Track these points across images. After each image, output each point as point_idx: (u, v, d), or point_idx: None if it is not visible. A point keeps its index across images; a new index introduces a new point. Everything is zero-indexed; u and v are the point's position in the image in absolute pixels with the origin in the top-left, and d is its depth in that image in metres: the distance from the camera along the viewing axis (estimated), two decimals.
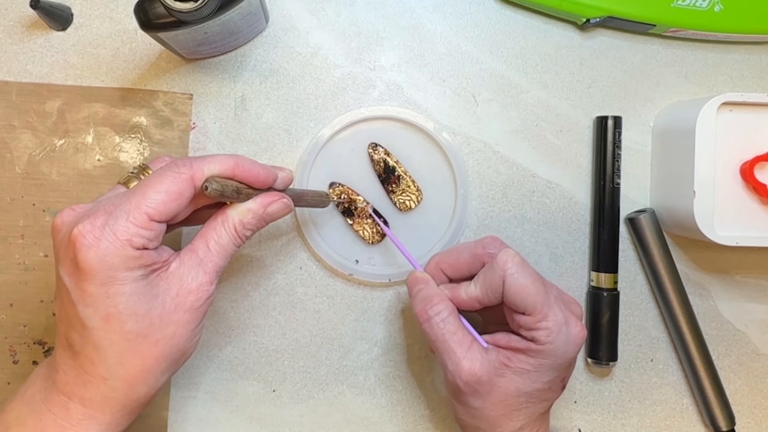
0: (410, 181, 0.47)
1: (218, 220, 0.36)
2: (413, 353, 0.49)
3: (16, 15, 0.47)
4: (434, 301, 0.40)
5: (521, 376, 0.38)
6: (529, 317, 0.38)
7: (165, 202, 0.33)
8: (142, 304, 0.33)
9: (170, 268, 0.35)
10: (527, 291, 0.38)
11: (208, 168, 0.35)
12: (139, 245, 0.33)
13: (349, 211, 0.47)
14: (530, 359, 0.38)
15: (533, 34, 0.49)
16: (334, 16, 0.49)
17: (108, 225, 0.32)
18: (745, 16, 0.47)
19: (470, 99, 0.49)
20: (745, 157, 0.44)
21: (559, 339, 0.38)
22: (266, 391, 0.48)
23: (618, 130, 0.48)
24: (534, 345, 0.38)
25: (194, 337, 0.36)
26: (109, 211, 0.33)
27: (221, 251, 0.36)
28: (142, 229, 0.33)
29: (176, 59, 0.48)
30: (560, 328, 0.38)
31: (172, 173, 0.34)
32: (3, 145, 0.47)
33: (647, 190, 0.50)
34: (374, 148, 0.47)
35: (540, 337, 0.38)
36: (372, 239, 0.47)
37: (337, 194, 0.47)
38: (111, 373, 0.34)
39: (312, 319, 0.48)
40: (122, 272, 0.33)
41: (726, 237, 0.43)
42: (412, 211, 0.47)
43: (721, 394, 0.48)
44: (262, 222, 0.37)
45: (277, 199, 0.38)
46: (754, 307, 0.50)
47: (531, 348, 0.38)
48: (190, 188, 0.34)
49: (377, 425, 0.48)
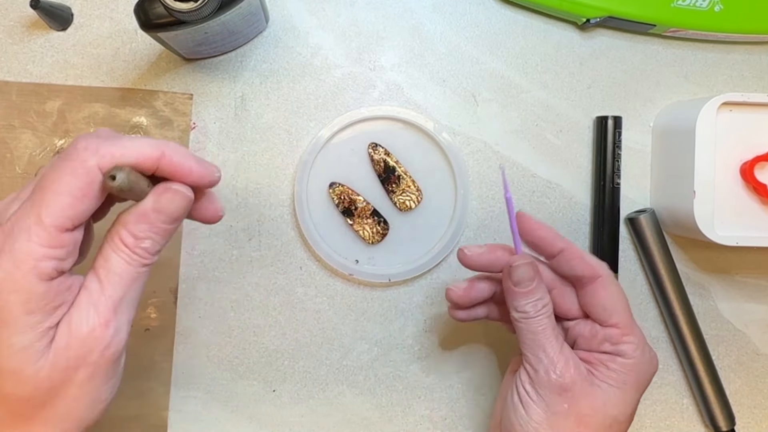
0: (410, 181, 0.47)
1: (104, 240, 0.28)
2: (413, 353, 0.49)
3: (16, 15, 0.47)
4: (546, 301, 0.37)
5: (607, 391, 0.36)
6: (616, 330, 0.37)
7: (70, 204, 0.26)
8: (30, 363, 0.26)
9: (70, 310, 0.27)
10: (621, 300, 0.37)
11: (121, 154, 0.27)
12: (48, 271, 0.26)
13: (349, 211, 0.47)
14: (612, 372, 0.36)
15: (533, 34, 0.49)
16: (334, 16, 0.49)
17: (5, 251, 0.25)
18: (745, 16, 0.47)
19: (470, 99, 0.49)
20: (745, 157, 0.44)
21: (644, 356, 0.37)
22: (266, 391, 0.48)
23: (618, 130, 0.48)
24: (620, 359, 0.36)
25: (98, 402, 0.28)
26: (7, 230, 0.26)
27: (114, 279, 0.27)
28: (50, 248, 0.25)
29: (176, 59, 0.48)
30: (644, 345, 0.37)
31: (71, 164, 0.26)
32: (3, 145, 0.47)
33: (647, 190, 0.50)
34: (374, 148, 0.47)
35: (627, 350, 0.36)
36: (372, 239, 0.47)
37: (337, 194, 0.47)
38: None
39: (312, 319, 0.48)
40: (19, 316, 0.25)
41: (726, 237, 0.43)
42: (412, 211, 0.47)
43: (721, 394, 0.48)
44: (158, 225, 0.28)
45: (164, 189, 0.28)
46: (754, 307, 0.50)
47: (616, 361, 0.36)
48: (99, 179, 0.27)
49: (377, 425, 0.48)
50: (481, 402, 0.49)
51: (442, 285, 0.48)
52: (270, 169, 0.48)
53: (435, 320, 0.49)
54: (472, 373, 0.49)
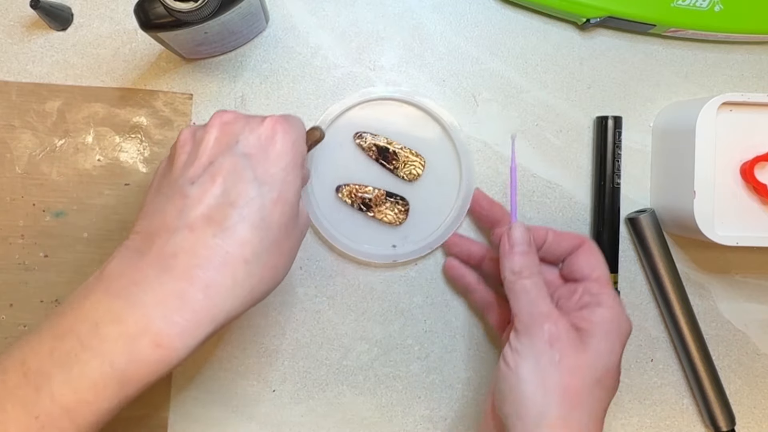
0: (408, 152, 0.47)
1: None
2: (413, 353, 0.49)
3: (16, 15, 0.47)
4: (537, 264, 0.40)
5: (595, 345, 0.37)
6: (596, 283, 0.40)
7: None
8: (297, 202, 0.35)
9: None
10: (603, 263, 0.41)
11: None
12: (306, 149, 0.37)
13: (365, 204, 0.47)
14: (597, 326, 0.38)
15: (533, 34, 0.49)
16: (334, 16, 0.49)
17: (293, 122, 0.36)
18: (745, 16, 0.47)
19: (470, 99, 0.49)
20: (745, 157, 0.44)
21: (621, 309, 0.39)
22: (266, 391, 0.48)
23: (618, 130, 0.48)
24: (600, 309, 0.38)
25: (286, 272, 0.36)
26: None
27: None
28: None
29: (176, 59, 0.48)
30: (619, 303, 0.40)
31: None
32: (3, 145, 0.47)
33: (647, 190, 0.50)
34: (360, 137, 0.47)
35: (607, 300, 0.39)
36: (397, 220, 0.47)
37: (347, 195, 0.47)
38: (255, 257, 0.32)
39: (312, 319, 0.48)
40: (299, 167, 0.35)
41: (726, 237, 0.43)
42: (421, 178, 0.47)
43: (721, 394, 0.48)
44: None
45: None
46: (754, 307, 0.50)
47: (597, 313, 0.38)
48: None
49: (377, 425, 0.48)
50: (481, 402, 0.49)
51: (442, 285, 0.48)
52: None
53: (435, 320, 0.49)
54: (472, 373, 0.49)
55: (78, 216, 0.47)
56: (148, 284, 0.30)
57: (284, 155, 0.34)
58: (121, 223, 0.47)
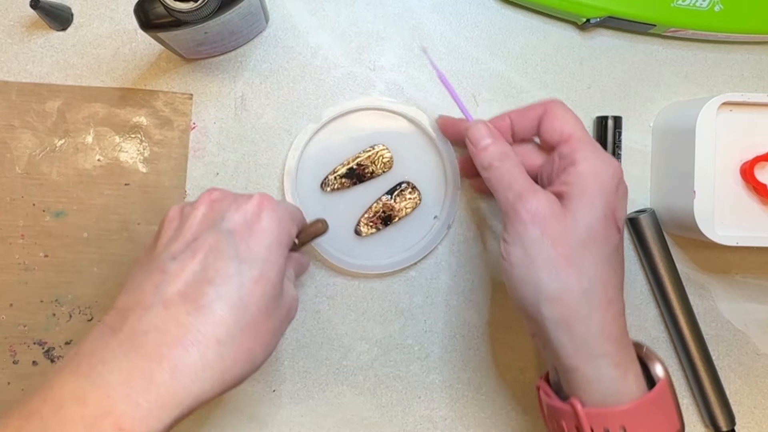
0: (366, 153, 0.47)
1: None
2: (413, 353, 0.49)
3: (16, 15, 0.47)
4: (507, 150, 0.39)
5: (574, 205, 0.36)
6: (567, 144, 0.38)
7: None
8: (280, 283, 0.34)
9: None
10: (572, 120, 0.39)
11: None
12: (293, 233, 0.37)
13: (386, 219, 0.47)
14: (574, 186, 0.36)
15: (533, 34, 0.49)
16: (334, 16, 0.49)
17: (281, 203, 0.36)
18: (745, 16, 0.47)
19: (470, 99, 0.49)
20: (745, 157, 0.44)
21: (598, 159, 0.37)
22: (266, 391, 0.48)
23: (618, 130, 0.48)
24: (574, 168, 0.37)
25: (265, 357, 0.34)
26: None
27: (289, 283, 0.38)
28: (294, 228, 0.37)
29: (176, 59, 0.48)
30: (598, 151, 0.38)
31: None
32: (3, 145, 0.47)
33: (647, 190, 0.50)
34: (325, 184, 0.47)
35: (580, 157, 0.37)
36: (416, 201, 0.47)
37: (367, 225, 0.47)
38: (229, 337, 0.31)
39: (312, 319, 0.48)
40: (284, 247, 0.35)
41: (726, 237, 0.43)
42: (395, 160, 0.47)
43: (721, 394, 0.48)
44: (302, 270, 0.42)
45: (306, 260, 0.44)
46: (754, 307, 0.50)
47: (571, 172, 0.37)
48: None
49: (377, 425, 0.48)
50: (481, 402, 0.49)
51: (442, 285, 0.48)
52: (270, 169, 0.48)
53: (435, 320, 0.49)
54: (472, 373, 0.49)
55: (78, 216, 0.47)
56: (115, 363, 0.29)
57: (268, 233, 0.34)
58: (121, 223, 0.47)
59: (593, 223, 0.36)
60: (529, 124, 0.41)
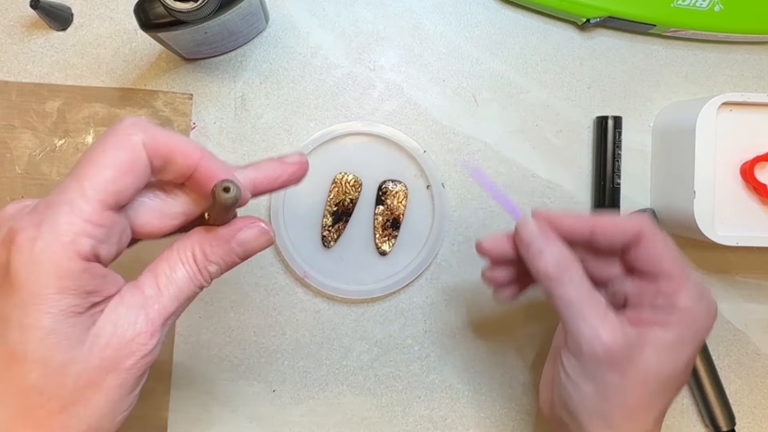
0: (339, 186, 0.47)
1: (174, 249, 0.28)
2: (413, 353, 0.49)
3: (16, 15, 0.47)
4: (567, 257, 0.34)
5: (659, 354, 0.32)
6: (669, 282, 0.33)
7: (115, 178, 0.25)
8: (61, 351, 0.24)
9: (108, 307, 0.26)
10: (670, 248, 0.34)
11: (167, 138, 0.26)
12: (86, 249, 0.24)
13: (392, 223, 0.47)
14: (668, 332, 0.33)
15: (533, 34, 0.49)
16: (334, 16, 0.49)
17: (46, 221, 0.24)
18: (745, 16, 0.47)
19: (470, 99, 0.49)
20: (745, 157, 0.44)
21: (701, 306, 0.33)
22: (266, 391, 0.48)
23: (618, 130, 0.48)
24: (676, 315, 0.33)
25: (116, 414, 0.26)
26: (48, 202, 0.25)
27: (174, 290, 0.27)
28: (90, 223, 0.24)
29: (176, 59, 0.48)
30: (702, 293, 0.34)
31: (117, 137, 0.25)
32: (3, 145, 0.47)
33: (647, 190, 0.50)
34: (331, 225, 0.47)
35: (683, 303, 0.33)
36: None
37: (382, 233, 0.47)
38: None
39: (312, 319, 0.48)
40: (52, 294, 0.24)
41: (726, 237, 0.43)
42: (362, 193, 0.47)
43: (721, 394, 0.48)
44: (233, 255, 0.28)
45: (251, 222, 0.28)
46: (754, 307, 0.50)
47: (671, 319, 0.33)
48: (144, 157, 0.26)
49: (377, 425, 0.48)
50: (481, 402, 0.49)
51: (442, 284, 0.48)
52: None
53: (435, 320, 0.49)
54: (472, 373, 0.49)
55: None
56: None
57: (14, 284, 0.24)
58: None
59: (677, 368, 0.33)
60: (617, 239, 0.35)
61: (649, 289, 0.34)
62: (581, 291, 0.33)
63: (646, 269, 0.34)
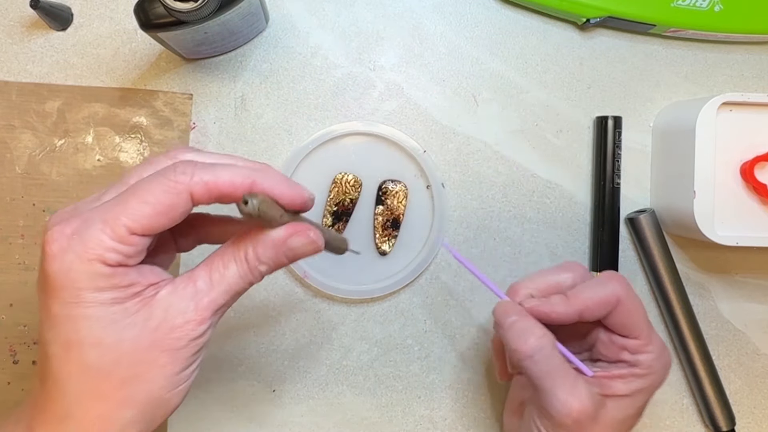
0: (338, 187, 0.47)
1: (230, 248, 0.30)
2: (413, 353, 0.49)
3: (16, 15, 0.47)
4: (536, 334, 0.36)
5: (618, 404, 0.37)
6: (635, 341, 0.37)
7: (150, 215, 0.28)
8: (111, 333, 0.27)
9: (158, 295, 0.29)
10: (639, 313, 0.38)
11: (214, 183, 0.29)
12: (112, 262, 0.27)
13: (393, 223, 0.47)
14: (628, 385, 0.37)
15: (533, 34, 0.49)
16: (334, 16, 0.49)
17: (78, 234, 0.27)
18: (745, 16, 0.47)
19: (470, 99, 0.49)
20: (745, 157, 0.44)
21: (659, 363, 0.37)
22: (266, 391, 0.48)
23: (618, 130, 0.48)
24: (637, 370, 0.37)
25: (175, 386, 0.29)
26: (84, 217, 0.28)
27: (225, 286, 0.30)
28: (118, 243, 0.27)
29: (176, 59, 0.48)
30: (662, 352, 0.38)
31: (166, 182, 0.28)
32: (3, 145, 0.47)
33: (647, 190, 0.50)
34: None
35: (645, 361, 0.37)
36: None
37: (381, 235, 0.47)
38: (67, 413, 0.28)
39: (312, 319, 0.48)
40: (89, 292, 0.27)
41: (726, 237, 0.43)
42: (361, 194, 0.48)
43: (721, 394, 0.48)
44: (282, 258, 0.30)
45: (303, 230, 0.30)
46: (754, 307, 0.50)
47: (634, 373, 0.37)
48: (185, 202, 0.28)
49: (377, 425, 0.48)
50: (480, 402, 0.49)
51: (442, 284, 0.48)
52: None
53: (435, 320, 0.49)
54: (472, 373, 0.49)
55: None
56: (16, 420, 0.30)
57: (55, 287, 0.27)
58: None
59: (632, 414, 0.37)
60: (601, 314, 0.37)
61: (616, 344, 0.38)
62: (553, 364, 0.36)
63: (618, 330, 0.38)
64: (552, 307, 0.37)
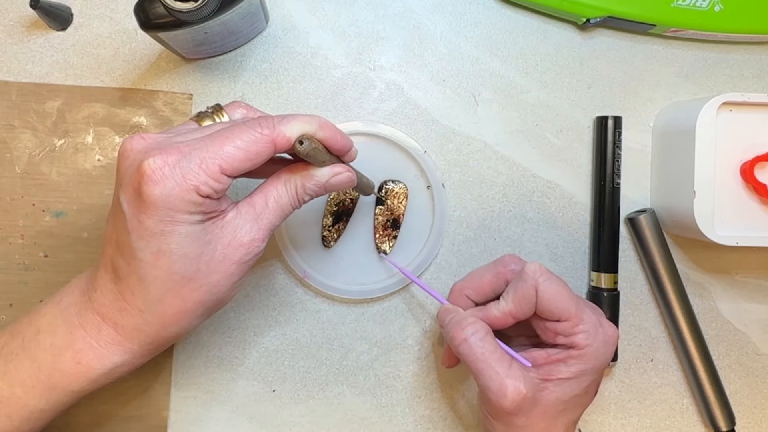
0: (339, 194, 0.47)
1: (281, 179, 0.36)
2: (413, 353, 0.49)
3: (16, 15, 0.47)
4: (468, 322, 0.40)
5: (561, 386, 0.38)
6: (565, 323, 0.39)
7: (241, 159, 0.33)
8: (194, 247, 0.33)
9: (226, 218, 0.34)
10: (561, 296, 0.39)
11: (290, 130, 0.34)
12: (204, 193, 0.32)
13: (394, 221, 0.47)
14: (570, 367, 0.38)
15: (533, 34, 0.49)
16: (334, 16, 0.49)
17: (179, 166, 0.32)
18: (745, 16, 0.47)
19: (470, 99, 0.49)
20: (745, 157, 0.44)
21: (597, 340, 0.39)
22: (266, 391, 0.48)
23: (618, 130, 0.48)
24: (574, 351, 0.38)
25: (234, 290, 0.36)
26: (183, 151, 0.32)
27: (278, 210, 0.36)
28: (212, 179, 0.32)
29: (176, 59, 0.48)
30: (596, 329, 0.39)
31: (254, 132, 0.33)
32: (3, 145, 0.47)
33: (647, 190, 0.50)
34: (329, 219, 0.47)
35: (579, 341, 0.38)
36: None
37: (382, 238, 0.47)
38: (148, 307, 0.34)
39: (312, 319, 0.48)
40: (182, 214, 0.32)
41: (726, 237, 0.43)
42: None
43: (721, 394, 0.48)
44: (323, 190, 0.37)
45: (343, 171, 0.37)
46: (754, 307, 0.50)
47: (571, 355, 0.38)
48: (269, 150, 0.34)
49: (377, 425, 0.48)
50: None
51: (442, 285, 0.48)
52: None
53: (435, 320, 0.49)
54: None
55: (78, 216, 0.47)
56: (79, 309, 0.35)
57: (154, 207, 0.32)
58: None
59: (578, 393, 0.39)
60: (530, 308, 0.40)
61: (550, 330, 0.40)
62: (486, 348, 0.38)
63: (547, 316, 0.39)
64: (485, 313, 0.41)
